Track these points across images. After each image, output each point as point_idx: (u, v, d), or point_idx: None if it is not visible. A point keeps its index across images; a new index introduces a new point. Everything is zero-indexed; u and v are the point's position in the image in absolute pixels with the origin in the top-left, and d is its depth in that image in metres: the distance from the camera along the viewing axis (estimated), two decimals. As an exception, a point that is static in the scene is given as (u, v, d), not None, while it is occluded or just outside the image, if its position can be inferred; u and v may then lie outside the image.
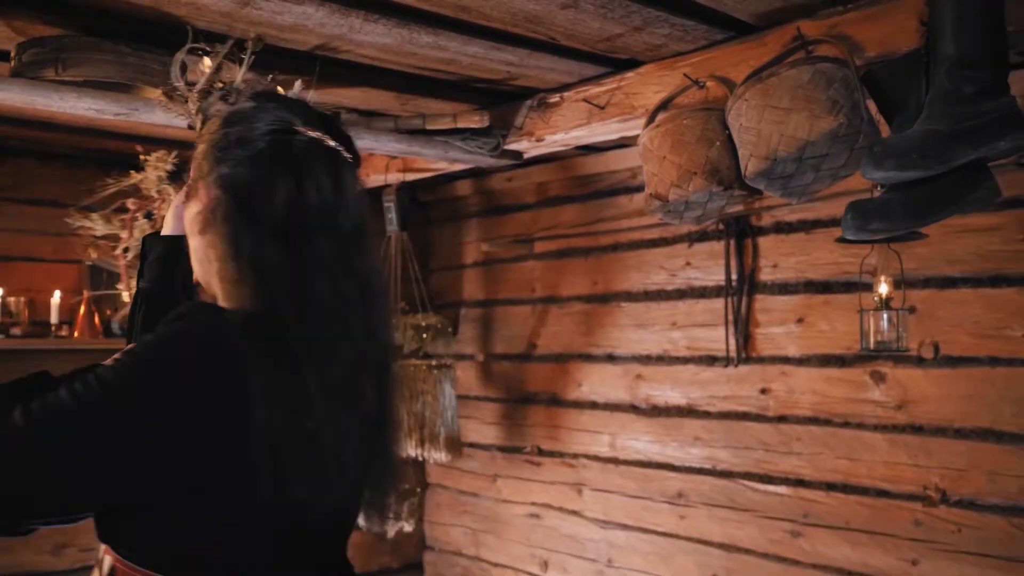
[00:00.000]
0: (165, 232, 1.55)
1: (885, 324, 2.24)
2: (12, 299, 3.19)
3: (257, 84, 1.37)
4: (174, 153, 2.50)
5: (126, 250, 2.60)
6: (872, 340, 2.29)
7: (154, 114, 2.12)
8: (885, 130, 1.89)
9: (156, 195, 2.50)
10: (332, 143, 1.19)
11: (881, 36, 1.86)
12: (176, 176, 2.49)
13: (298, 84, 1.72)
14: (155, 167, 2.47)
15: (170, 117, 2.09)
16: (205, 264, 1.20)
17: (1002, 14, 1.61)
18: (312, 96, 1.51)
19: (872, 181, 1.69)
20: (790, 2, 1.91)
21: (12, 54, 1.97)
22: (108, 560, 1.11)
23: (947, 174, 1.67)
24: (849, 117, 1.78)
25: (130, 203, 2.56)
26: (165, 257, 1.52)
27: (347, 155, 1.21)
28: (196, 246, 1.21)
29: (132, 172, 2.53)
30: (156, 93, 1.99)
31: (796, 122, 1.79)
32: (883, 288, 2.27)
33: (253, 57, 1.92)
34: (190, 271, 1.28)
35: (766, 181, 1.90)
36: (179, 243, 1.40)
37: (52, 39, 1.90)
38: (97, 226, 2.65)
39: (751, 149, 1.88)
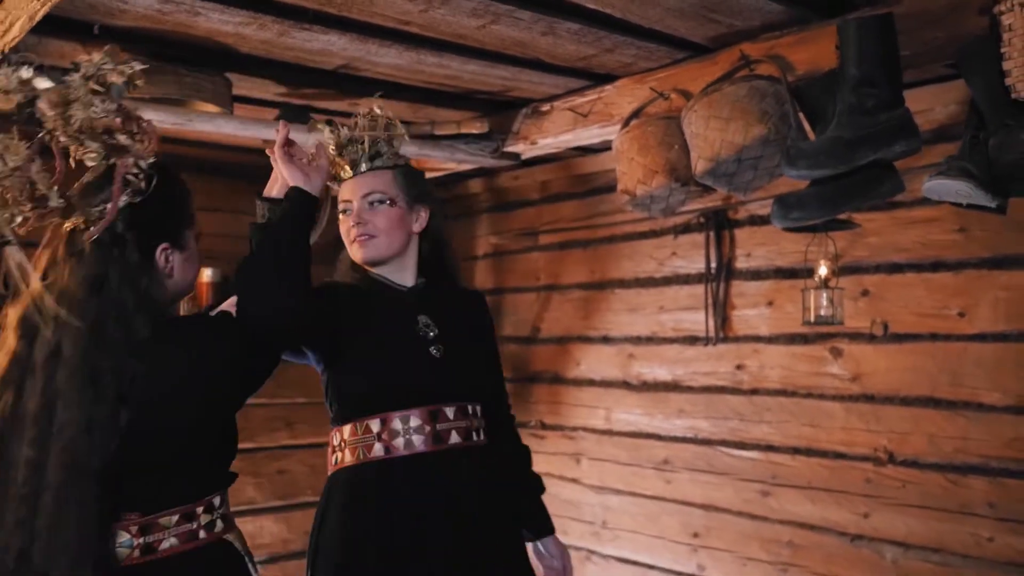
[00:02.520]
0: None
1: (824, 301, 2.59)
2: None
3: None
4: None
5: None
6: (813, 315, 2.64)
7: (204, 123, 2.53)
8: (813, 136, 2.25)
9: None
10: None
11: (809, 57, 2.22)
12: None
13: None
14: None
15: (217, 125, 2.51)
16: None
17: (895, 41, 1.97)
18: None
19: (790, 178, 2.05)
20: (733, 27, 2.28)
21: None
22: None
23: (856, 171, 2.03)
24: (777, 125, 2.14)
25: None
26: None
27: None
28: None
29: None
30: (207, 107, 2.40)
31: (734, 129, 2.16)
32: (823, 270, 2.62)
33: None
34: None
35: (713, 178, 2.27)
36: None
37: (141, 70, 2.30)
38: None
39: (699, 152, 2.25)
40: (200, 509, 1.57)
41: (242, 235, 4.13)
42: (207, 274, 3.80)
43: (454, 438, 1.91)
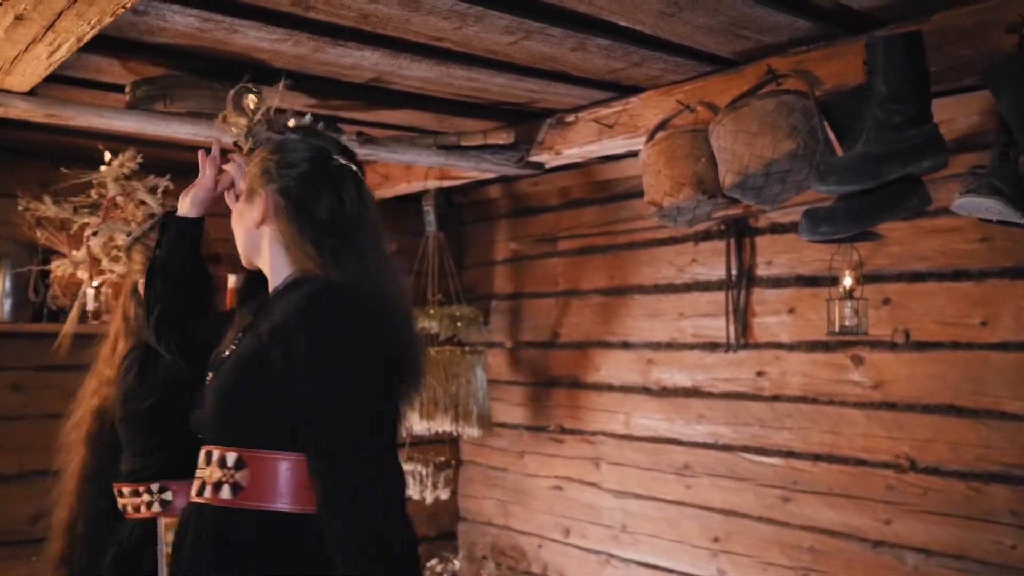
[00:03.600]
0: (183, 214, 1.83)
1: (848, 311, 2.61)
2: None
3: (298, 118, 1.78)
4: (139, 156, 2.71)
5: (95, 233, 2.70)
6: (838, 325, 2.66)
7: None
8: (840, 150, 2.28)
9: (114, 190, 2.68)
10: (355, 168, 1.63)
11: (836, 72, 2.25)
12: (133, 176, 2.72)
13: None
14: (120, 166, 2.66)
15: (222, 134, 2.55)
16: (253, 246, 1.63)
17: (923, 58, 1.99)
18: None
19: (818, 192, 2.08)
20: (762, 43, 2.30)
21: (127, 89, 2.43)
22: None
23: (884, 187, 2.06)
24: (806, 140, 2.17)
25: (111, 195, 2.68)
26: (184, 234, 1.85)
27: (361, 175, 1.67)
28: (247, 233, 1.63)
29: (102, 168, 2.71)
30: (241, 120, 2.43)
31: (762, 144, 2.18)
32: (847, 281, 2.64)
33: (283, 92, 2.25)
34: (198, 247, 1.80)
35: (741, 192, 2.30)
36: (198, 224, 1.84)
37: (160, 78, 2.35)
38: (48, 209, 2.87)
39: (727, 166, 2.28)
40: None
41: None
42: (231, 280, 3.85)
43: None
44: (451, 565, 4.53)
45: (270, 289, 1.61)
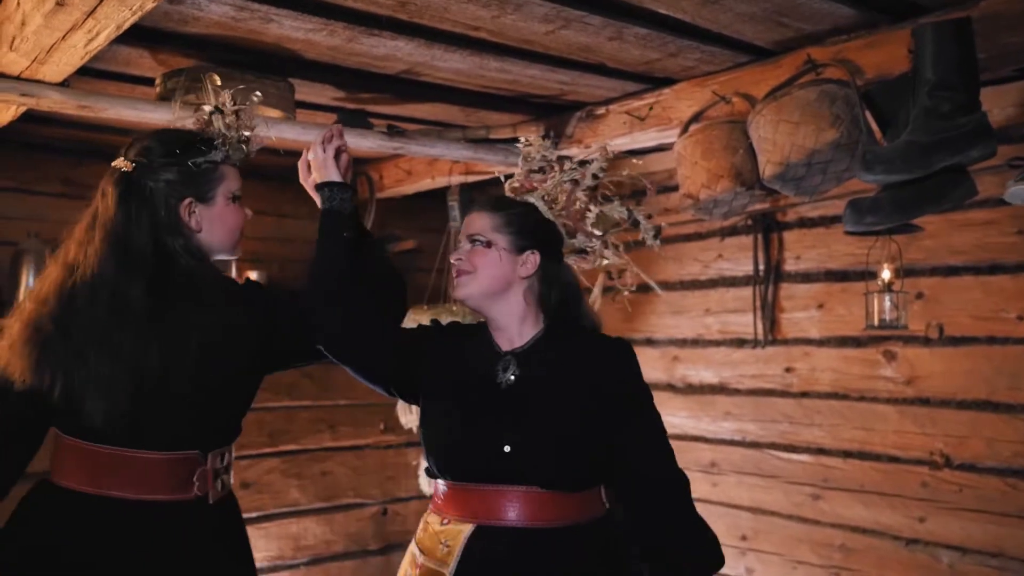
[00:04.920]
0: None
1: (887, 305, 2.58)
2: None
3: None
4: None
5: None
6: (876, 318, 2.63)
7: (268, 129, 2.54)
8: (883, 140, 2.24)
9: None
10: None
11: (878, 61, 2.21)
12: None
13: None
14: None
15: (279, 131, 2.52)
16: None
17: (972, 43, 1.96)
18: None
19: (865, 182, 2.04)
20: (801, 31, 2.27)
21: (157, 81, 2.40)
22: None
23: (930, 176, 2.02)
24: (849, 129, 2.14)
25: None
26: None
27: None
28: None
29: None
30: (271, 112, 2.41)
31: (804, 133, 2.15)
32: (886, 274, 2.61)
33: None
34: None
35: (781, 183, 2.26)
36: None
37: (191, 69, 2.32)
38: None
39: (768, 156, 2.24)
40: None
41: (288, 238, 4.16)
42: (253, 276, 3.83)
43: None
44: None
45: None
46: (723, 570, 3.53)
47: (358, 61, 2.43)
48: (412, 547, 1.78)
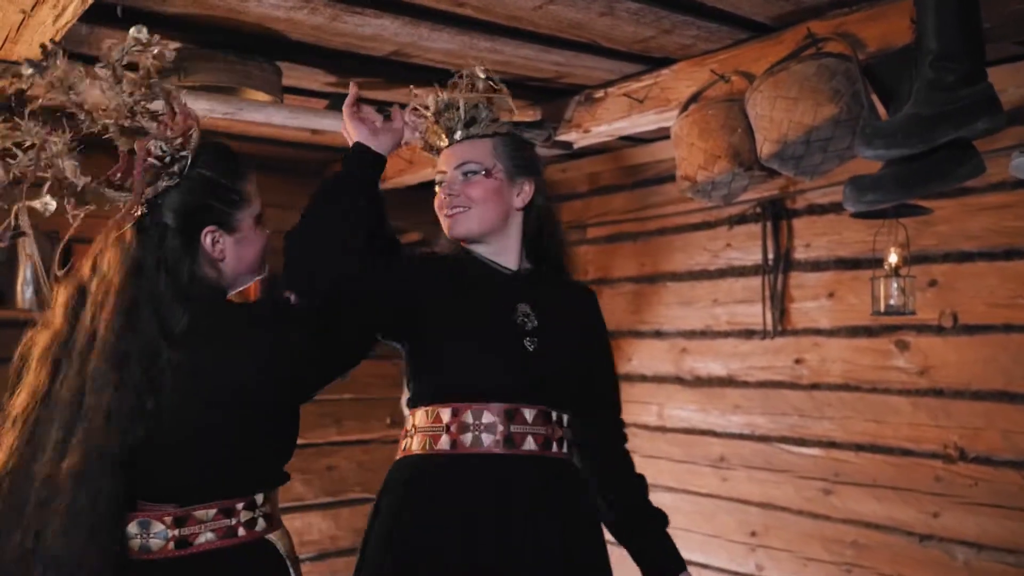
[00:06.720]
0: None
1: (895, 290, 2.48)
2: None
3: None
4: None
5: None
6: (883, 304, 2.53)
7: (254, 112, 2.49)
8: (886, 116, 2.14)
9: None
10: None
11: (880, 34, 2.12)
12: None
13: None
14: None
15: (267, 115, 2.48)
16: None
17: (977, 12, 1.86)
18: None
19: (865, 159, 1.95)
20: (801, 5, 2.18)
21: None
22: None
23: (935, 151, 1.92)
24: (849, 104, 2.04)
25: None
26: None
27: None
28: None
29: None
30: (257, 95, 2.36)
31: (803, 110, 2.06)
32: (892, 258, 2.51)
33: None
34: None
35: (779, 162, 2.17)
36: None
37: (174, 51, 2.27)
38: None
39: (765, 134, 2.15)
40: (240, 505, 1.50)
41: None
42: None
43: (529, 444, 1.67)
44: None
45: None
46: (733, 567, 3.48)
47: (344, 42, 2.38)
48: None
